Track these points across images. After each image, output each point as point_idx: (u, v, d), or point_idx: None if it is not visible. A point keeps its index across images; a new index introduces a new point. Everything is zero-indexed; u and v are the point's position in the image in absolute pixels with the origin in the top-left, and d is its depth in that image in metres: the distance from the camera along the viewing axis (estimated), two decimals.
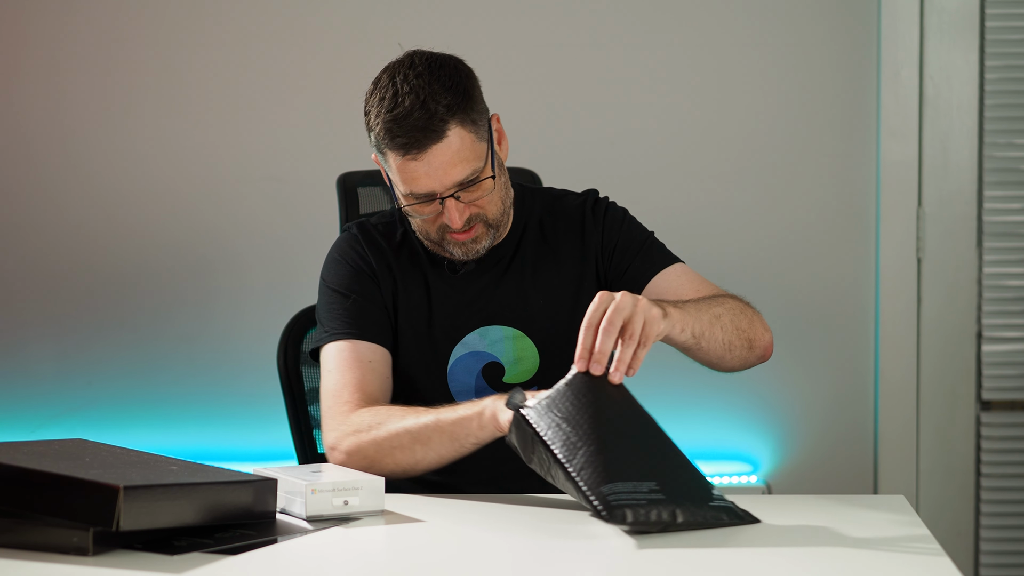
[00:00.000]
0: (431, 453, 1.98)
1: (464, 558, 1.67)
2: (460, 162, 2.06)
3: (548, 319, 2.19)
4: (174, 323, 3.39)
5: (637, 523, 1.70)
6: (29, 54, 3.38)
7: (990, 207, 3.39)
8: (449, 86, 2.06)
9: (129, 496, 1.57)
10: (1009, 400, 3.42)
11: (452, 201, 2.07)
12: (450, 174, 2.05)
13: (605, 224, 2.24)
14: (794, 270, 3.38)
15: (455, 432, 1.96)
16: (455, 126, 2.05)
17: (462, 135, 2.06)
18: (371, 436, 2.00)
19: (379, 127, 2.07)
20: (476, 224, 2.12)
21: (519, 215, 2.25)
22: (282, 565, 1.64)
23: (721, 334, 2.03)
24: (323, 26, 3.37)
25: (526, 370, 2.18)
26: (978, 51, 3.37)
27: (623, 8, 3.36)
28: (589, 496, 1.72)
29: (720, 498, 1.80)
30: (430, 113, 2.03)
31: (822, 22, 3.35)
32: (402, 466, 2.00)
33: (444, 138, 2.04)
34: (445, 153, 2.04)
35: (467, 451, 1.98)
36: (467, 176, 2.07)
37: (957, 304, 3.39)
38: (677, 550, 1.67)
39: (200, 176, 3.39)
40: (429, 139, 2.03)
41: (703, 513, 1.75)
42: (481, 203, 2.11)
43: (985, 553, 3.40)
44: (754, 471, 3.37)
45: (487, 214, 2.12)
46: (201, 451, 3.32)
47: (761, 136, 3.37)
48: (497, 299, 2.20)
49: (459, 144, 2.05)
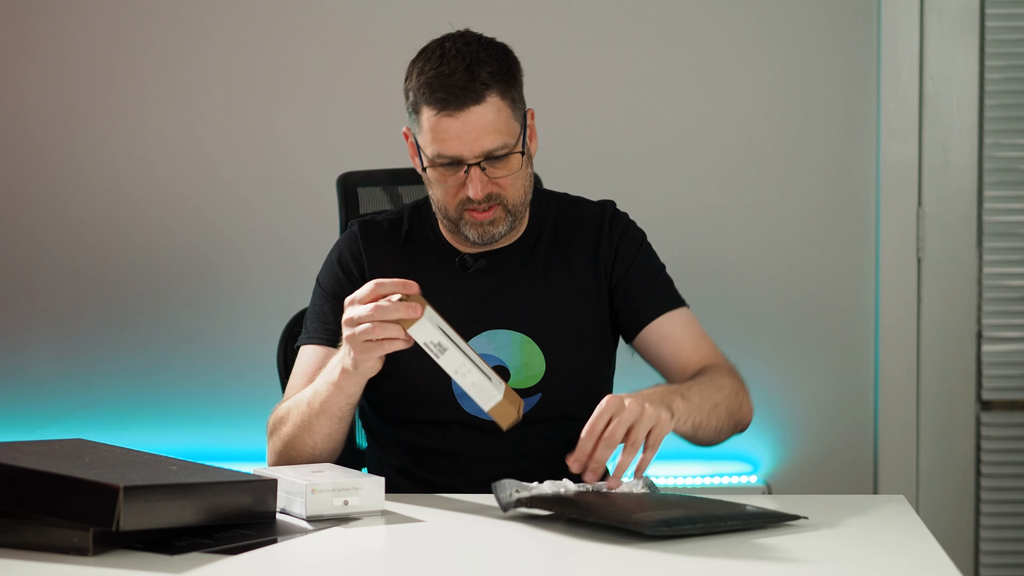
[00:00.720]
0: (318, 436, 2.04)
1: (464, 558, 1.67)
2: (494, 131, 2.06)
3: (556, 327, 2.19)
4: (174, 323, 3.39)
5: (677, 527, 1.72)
6: (29, 55, 3.38)
7: (990, 207, 3.39)
8: (495, 58, 2.08)
9: (129, 496, 1.57)
10: (1009, 400, 3.42)
11: (477, 171, 2.07)
12: (482, 141, 2.06)
13: (622, 242, 2.24)
14: (794, 270, 3.38)
15: (326, 408, 2.01)
16: (495, 95, 2.06)
17: (500, 106, 2.07)
18: (280, 439, 2.08)
19: (420, 82, 2.07)
20: (495, 205, 2.11)
21: (535, 218, 2.24)
22: (282, 565, 1.64)
23: (715, 422, 2.07)
24: (323, 26, 3.37)
25: (532, 376, 2.18)
26: (978, 51, 3.37)
27: (622, 8, 3.36)
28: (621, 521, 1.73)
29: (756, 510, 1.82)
30: (473, 75, 2.04)
31: (822, 22, 3.35)
32: (308, 458, 2.06)
33: (483, 102, 2.05)
34: (481, 118, 2.05)
35: (346, 416, 2.03)
36: (497, 147, 2.07)
37: (957, 304, 3.39)
38: (677, 550, 1.67)
39: (200, 176, 3.39)
40: (468, 99, 2.04)
41: (742, 513, 1.78)
42: (504, 182, 2.10)
43: (985, 553, 3.39)
44: (754, 471, 3.37)
45: (507, 197, 2.11)
46: (201, 451, 3.32)
47: (761, 136, 3.37)
48: (507, 302, 2.19)
49: (495, 114, 2.06)
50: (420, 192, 2.51)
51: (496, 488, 1.84)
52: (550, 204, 2.27)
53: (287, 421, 2.07)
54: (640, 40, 3.36)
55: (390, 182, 2.55)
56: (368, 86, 3.37)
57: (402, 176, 2.56)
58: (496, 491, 1.84)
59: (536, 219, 2.24)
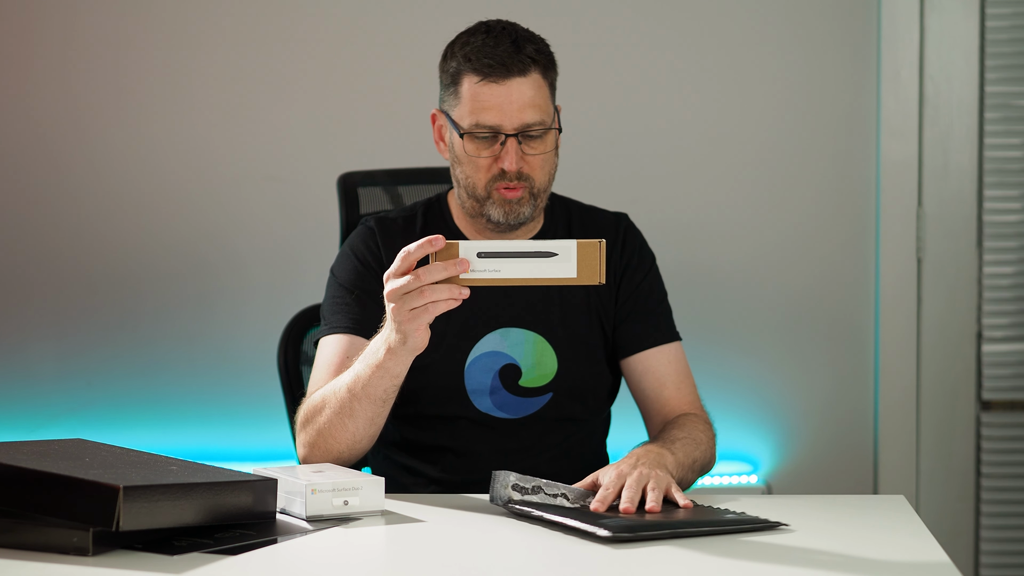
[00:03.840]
0: (360, 421, 2.00)
1: (464, 558, 1.67)
2: (533, 105, 2.11)
3: (569, 328, 2.20)
4: (174, 323, 3.38)
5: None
6: (28, 56, 3.38)
7: (990, 207, 3.39)
8: (540, 40, 2.16)
9: (129, 496, 1.57)
10: (1009, 400, 3.42)
11: (514, 143, 2.10)
12: (522, 113, 2.10)
13: (634, 259, 2.26)
14: (794, 270, 3.38)
15: (370, 392, 1.97)
16: (537, 72, 2.12)
17: (540, 84, 2.13)
18: (316, 428, 2.04)
19: (465, 52, 2.12)
20: (523, 185, 2.13)
21: (549, 219, 2.26)
22: (282, 565, 1.64)
23: (691, 477, 2.08)
24: (324, 27, 3.37)
25: (543, 375, 2.19)
26: (978, 51, 3.37)
27: (622, 8, 3.36)
28: (592, 527, 1.73)
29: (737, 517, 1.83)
30: (519, 48, 2.11)
31: (822, 22, 3.35)
32: (347, 444, 2.02)
33: (527, 75, 2.11)
34: (523, 90, 2.10)
35: (390, 398, 1.98)
36: (535, 121, 2.11)
37: (957, 304, 3.39)
38: (677, 551, 1.67)
39: (200, 176, 3.38)
40: (514, 69, 2.10)
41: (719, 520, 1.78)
42: (535, 162, 2.12)
43: (985, 553, 3.39)
44: (754, 471, 3.37)
45: (535, 178, 2.13)
46: (201, 451, 3.32)
47: (761, 136, 3.37)
48: (522, 301, 2.20)
49: (536, 89, 2.11)
50: (421, 192, 2.51)
51: (495, 478, 1.84)
52: (565, 208, 2.29)
53: (323, 410, 2.03)
54: (640, 40, 3.36)
55: (390, 182, 2.55)
56: (368, 86, 3.37)
57: (402, 176, 2.57)
58: (494, 480, 1.84)
59: (551, 221, 2.26)
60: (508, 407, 2.18)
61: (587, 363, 2.21)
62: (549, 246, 1.78)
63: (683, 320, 2.27)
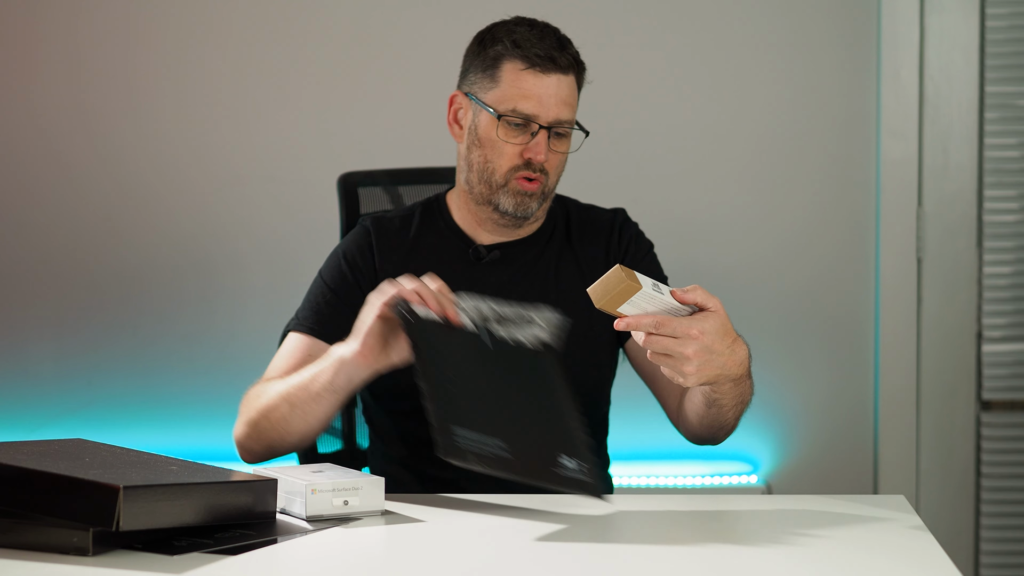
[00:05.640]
0: (297, 413, 2.03)
1: (464, 558, 1.67)
2: (569, 103, 2.15)
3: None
4: (174, 323, 3.38)
5: (477, 465, 1.75)
6: (29, 56, 3.38)
7: (990, 207, 3.39)
8: (574, 48, 2.19)
9: (129, 496, 1.57)
10: (1009, 400, 3.42)
11: (544, 135, 2.13)
12: (559, 108, 2.13)
13: (631, 247, 2.27)
14: (794, 270, 3.38)
15: (310, 385, 2.01)
16: (574, 75, 2.17)
17: (574, 86, 2.17)
18: (256, 411, 2.08)
19: (512, 38, 2.15)
20: (541, 179, 2.16)
21: (549, 215, 2.28)
22: (282, 565, 1.64)
23: (732, 414, 2.05)
24: (325, 27, 3.37)
25: None
26: (978, 51, 3.37)
27: (622, 8, 3.36)
28: (437, 430, 1.76)
29: (577, 466, 1.84)
30: (564, 47, 2.15)
31: (822, 22, 3.35)
32: (282, 433, 2.05)
33: (568, 74, 2.15)
34: (563, 87, 2.14)
35: (324, 401, 2.00)
36: (568, 119, 2.15)
37: (957, 304, 3.39)
38: (676, 550, 1.67)
39: (199, 176, 3.38)
40: (559, 65, 2.14)
41: (546, 476, 1.80)
42: (555, 160, 2.16)
43: (985, 553, 3.40)
44: (754, 471, 3.37)
45: (550, 177, 2.17)
46: (201, 451, 3.31)
47: (761, 136, 3.37)
48: (519, 294, 2.20)
49: (571, 89, 2.16)
50: (421, 192, 2.51)
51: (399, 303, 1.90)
52: (563, 205, 2.31)
53: (265, 400, 2.07)
54: (640, 40, 3.36)
55: (390, 182, 2.55)
56: (369, 86, 3.37)
57: (402, 176, 2.57)
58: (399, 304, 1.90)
59: (551, 217, 2.28)
60: None
61: (584, 356, 2.20)
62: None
63: None
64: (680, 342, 1.79)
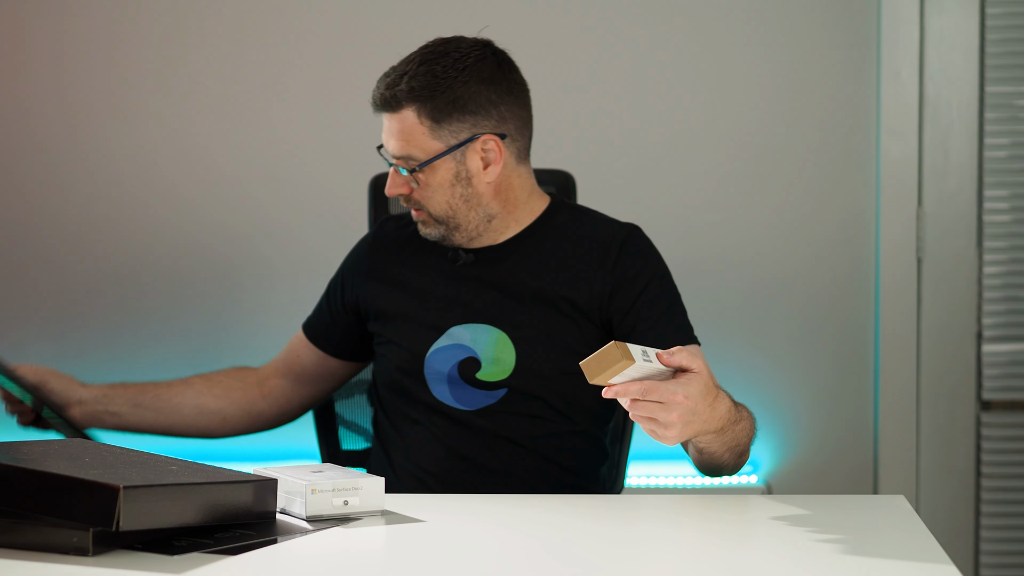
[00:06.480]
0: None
1: (464, 558, 1.67)
2: (399, 139, 2.18)
3: (535, 327, 2.20)
4: (174, 323, 3.38)
5: None
6: (35, 53, 3.38)
7: (990, 207, 3.39)
8: (432, 75, 2.17)
9: (129, 496, 1.57)
10: (1009, 400, 3.42)
11: (392, 170, 2.21)
12: (389, 143, 2.20)
13: (628, 272, 2.21)
14: (794, 270, 3.38)
15: None
16: (410, 109, 2.17)
17: (412, 121, 2.17)
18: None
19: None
20: (420, 210, 2.22)
21: (543, 222, 2.26)
22: (282, 565, 1.64)
23: (727, 457, 2.03)
24: (328, 27, 3.37)
25: (502, 370, 2.20)
26: (978, 51, 3.37)
27: (624, 6, 3.36)
28: None
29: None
30: (394, 85, 2.17)
31: (822, 22, 3.35)
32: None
33: (400, 110, 2.18)
34: (391, 124, 2.19)
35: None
36: (399, 154, 2.19)
37: (957, 304, 3.39)
38: (676, 549, 1.67)
39: (202, 175, 3.38)
40: (385, 105, 2.19)
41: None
42: (423, 193, 2.19)
43: (985, 553, 3.39)
44: (754, 471, 3.38)
45: (428, 207, 2.21)
46: (201, 451, 3.31)
47: (761, 136, 3.37)
48: (489, 297, 2.22)
49: (403, 125, 2.18)
50: None
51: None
52: (568, 215, 2.28)
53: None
54: (640, 39, 3.36)
55: None
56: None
57: None
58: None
59: (542, 225, 2.26)
60: (463, 398, 2.21)
61: (548, 363, 2.19)
62: None
63: None
64: (665, 407, 1.79)
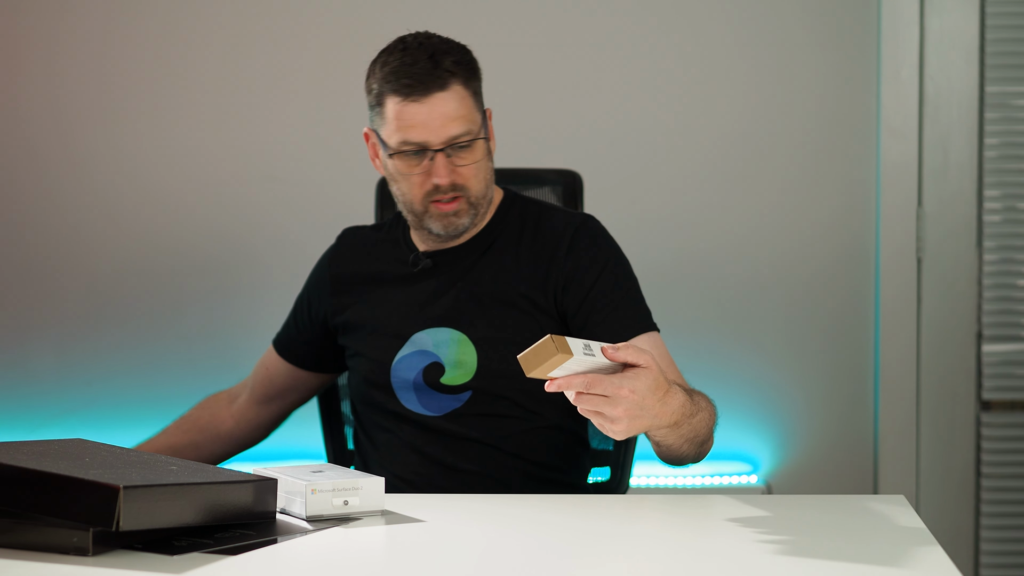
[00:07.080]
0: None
1: (464, 558, 1.67)
2: (458, 117, 2.10)
3: (495, 328, 2.18)
4: (174, 323, 3.38)
5: None
6: (30, 54, 3.38)
7: (990, 207, 3.39)
8: (457, 50, 2.13)
9: (129, 496, 1.57)
10: (1009, 400, 3.42)
11: (442, 157, 2.10)
12: (447, 127, 2.09)
13: (581, 262, 2.18)
14: (794, 270, 3.38)
15: None
16: (458, 83, 2.10)
17: (463, 94, 2.11)
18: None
19: (384, 73, 2.11)
20: (459, 197, 2.13)
21: (497, 220, 2.24)
22: (282, 565, 1.64)
23: (685, 448, 1.98)
24: (328, 27, 3.37)
25: (464, 373, 2.19)
26: (978, 51, 3.37)
27: (624, 7, 3.36)
28: None
29: None
30: (436, 63, 2.09)
31: (823, 22, 3.35)
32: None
33: (447, 89, 2.09)
34: (446, 103, 2.09)
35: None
36: (462, 133, 2.10)
37: (957, 304, 3.39)
38: (677, 550, 1.68)
39: (200, 177, 3.38)
40: (433, 85, 2.08)
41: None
42: (467, 172, 2.12)
43: (985, 553, 3.40)
44: (754, 471, 3.38)
45: (470, 188, 2.14)
46: None
47: (761, 136, 3.37)
48: (449, 301, 2.20)
49: (459, 101, 2.10)
50: None
51: None
52: (521, 208, 2.26)
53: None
54: (640, 39, 3.36)
55: None
56: None
57: None
58: None
59: (499, 221, 2.24)
60: (430, 404, 2.19)
61: (511, 364, 2.17)
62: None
63: (682, 320, 2.28)
64: (610, 401, 1.73)
